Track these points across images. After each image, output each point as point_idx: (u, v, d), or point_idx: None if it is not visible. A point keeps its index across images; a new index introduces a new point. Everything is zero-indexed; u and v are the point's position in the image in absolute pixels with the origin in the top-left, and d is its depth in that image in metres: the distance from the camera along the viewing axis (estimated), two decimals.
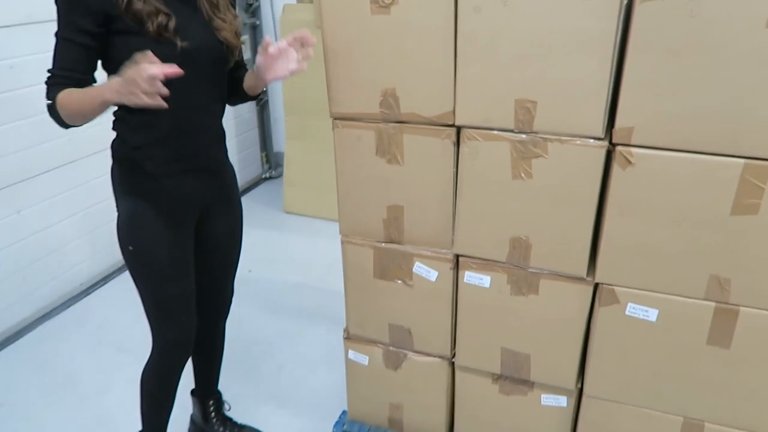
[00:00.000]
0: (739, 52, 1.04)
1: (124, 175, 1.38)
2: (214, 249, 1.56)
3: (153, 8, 1.22)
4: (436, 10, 1.24)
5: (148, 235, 1.38)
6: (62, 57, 1.25)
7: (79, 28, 1.21)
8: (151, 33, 1.22)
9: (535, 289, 1.41)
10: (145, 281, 1.44)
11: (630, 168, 1.20)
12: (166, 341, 1.52)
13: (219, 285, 1.64)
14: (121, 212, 1.39)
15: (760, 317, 1.23)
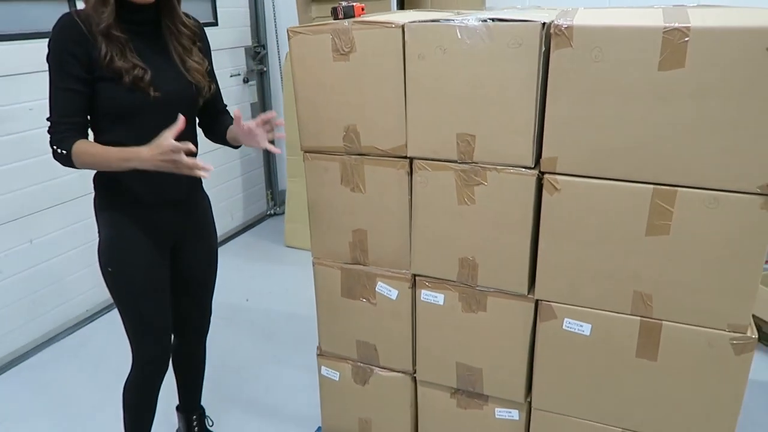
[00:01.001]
0: (637, 91, 1.20)
1: (104, 204, 1.53)
2: (191, 274, 1.70)
3: (131, 64, 1.37)
4: (388, 57, 1.43)
5: (126, 258, 1.53)
6: (62, 105, 1.38)
7: (74, 76, 1.35)
8: (127, 84, 1.38)
9: (483, 306, 1.54)
10: (124, 301, 1.57)
11: (557, 194, 1.35)
12: (143, 357, 1.64)
13: (197, 307, 1.78)
14: (102, 238, 1.54)
15: (681, 330, 1.35)
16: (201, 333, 1.85)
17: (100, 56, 1.35)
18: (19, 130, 2.47)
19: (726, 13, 1.29)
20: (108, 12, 1.34)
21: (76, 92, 1.38)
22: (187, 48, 1.52)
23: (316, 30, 1.49)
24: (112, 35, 1.36)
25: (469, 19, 1.32)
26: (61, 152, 1.38)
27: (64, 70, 1.36)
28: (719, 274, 1.27)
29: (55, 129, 1.39)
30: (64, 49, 1.35)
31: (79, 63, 1.36)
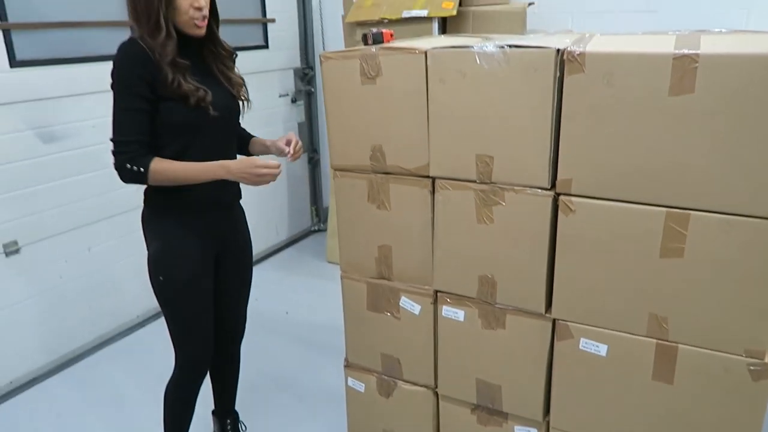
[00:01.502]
0: (648, 116, 1.23)
1: (156, 217, 1.67)
2: (228, 279, 1.82)
3: (194, 87, 1.53)
4: (412, 80, 1.50)
5: (176, 268, 1.65)
6: (129, 126, 1.49)
7: (141, 97, 1.48)
8: (192, 105, 1.53)
9: (502, 324, 1.57)
10: (172, 307, 1.70)
11: (572, 215, 1.38)
12: (186, 360, 1.76)
13: (233, 313, 1.89)
14: (152, 250, 1.66)
15: (697, 354, 1.34)
16: (236, 338, 1.96)
17: (168, 81, 1.48)
18: (81, 146, 2.68)
19: (739, 39, 1.30)
20: (172, 45, 1.49)
21: (143, 112, 1.50)
22: (228, 66, 1.68)
23: (346, 55, 1.58)
24: (178, 63, 1.50)
25: (488, 46, 1.38)
26: (137, 170, 1.49)
27: (133, 91, 1.47)
28: (734, 298, 1.27)
29: (125, 148, 1.50)
30: (133, 71, 1.47)
31: (145, 84, 1.48)
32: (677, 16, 3.07)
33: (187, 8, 1.49)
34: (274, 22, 3.83)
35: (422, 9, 3.11)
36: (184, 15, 1.50)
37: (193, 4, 1.49)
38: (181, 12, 1.49)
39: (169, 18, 1.48)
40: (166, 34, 1.48)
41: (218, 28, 1.65)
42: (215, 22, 1.63)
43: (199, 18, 1.52)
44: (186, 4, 1.49)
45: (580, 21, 3.33)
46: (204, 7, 1.51)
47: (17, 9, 2.37)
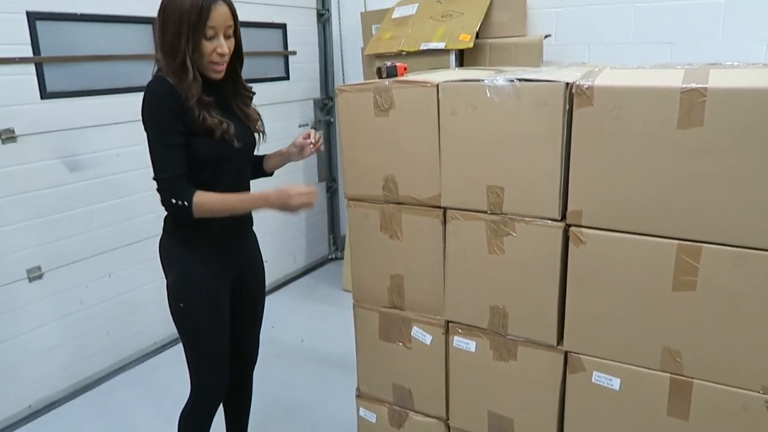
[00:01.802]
0: (657, 148, 1.23)
1: (176, 246, 1.70)
2: (242, 305, 1.84)
3: (218, 121, 1.58)
4: (424, 113, 1.53)
5: (196, 296, 1.68)
6: (170, 161, 1.53)
7: (177, 132, 1.52)
8: (218, 138, 1.58)
9: (513, 355, 1.56)
10: (190, 334, 1.72)
11: (582, 246, 1.38)
12: (203, 388, 1.78)
13: (247, 339, 1.91)
14: (172, 278, 1.69)
15: (712, 390, 1.31)
16: (250, 365, 1.97)
17: (195, 117, 1.53)
18: (106, 174, 2.76)
19: (750, 72, 1.31)
20: (198, 87, 1.54)
21: (180, 147, 1.54)
22: (246, 103, 1.73)
23: (360, 88, 1.62)
24: (203, 100, 1.55)
25: (498, 79, 1.40)
26: (182, 204, 1.52)
27: (169, 127, 1.51)
28: (750, 333, 1.25)
29: (172, 184, 1.53)
30: (167, 107, 1.51)
31: (180, 119, 1.52)
32: (694, 48, 3.08)
33: (210, 52, 1.54)
34: (295, 54, 3.92)
35: (440, 41, 3.16)
36: (206, 58, 1.55)
37: (217, 49, 1.54)
38: (204, 55, 1.54)
39: (194, 60, 1.53)
40: (193, 77, 1.52)
41: (241, 68, 1.70)
42: (239, 63, 1.69)
43: (220, 63, 1.57)
44: (210, 48, 1.53)
45: (596, 52, 3.36)
46: (226, 53, 1.56)
47: (49, 43, 2.48)
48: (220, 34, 1.54)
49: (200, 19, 1.49)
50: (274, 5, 3.69)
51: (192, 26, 1.49)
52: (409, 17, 3.40)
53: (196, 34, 1.50)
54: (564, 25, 3.40)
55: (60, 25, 2.52)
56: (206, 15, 1.49)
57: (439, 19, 3.29)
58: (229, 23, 1.55)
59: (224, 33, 1.55)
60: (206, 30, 1.51)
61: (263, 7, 3.61)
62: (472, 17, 3.17)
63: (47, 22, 2.46)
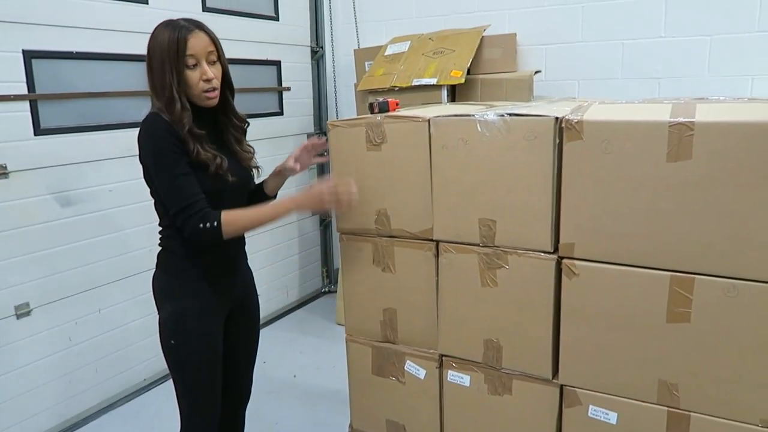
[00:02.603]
0: (647, 181, 1.25)
1: (169, 281, 1.68)
2: (236, 342, 1.81)
3: (212, 155, 1.58)
4: (415, 147, 1.54)
5: (189, 332, 1.65)
6: (187, 189, 1.52)
7: (185, 162, 1.52)
8: (212, 173, 1.58)
9: (509, 389, 1.54)
10: (181, 372, 1.69)
11: (576, 278, 1.38)
12: (193, 425, 1.73)
13: (240, 376, 1.87)
14: (164, 313, 1.67)
15: (710, 423, 1.30)
16: (243, 401, 1.93)
17: (190, 150, 1.53)
18: (97, 210, 2.74)
19: (736, 107, 1.33)
20: (188, 117, 1.54)
21: (191, 175, 1.54)
22: (238, 139, 1.72)
23: (352, 123, 1.63)
24: (195, 133, 1.55)
25: (489, 114, 1.42)
26: (211, 226, 1.51)
27: (175, 158, 1.52)
28: (746, 365, 1.24)
29: (194, 210, 1.51)
30: (170, 141, 1.51)
31: (182, 151, 1.53)
32: (681, 84, 3.15)
33: (196, 81, 1.55)
34: (289, 90, 3.97)
35: (432, 77, 3.21)
36: (195, 88, 1.55)
37: (202, 77, 1.55)
38: (191, 85, 1.55)
39: (181, 91, 1.54)
40: (181, 107, 1.54)
41: (233, 97, 1.71)
42: (230, 92, 1.69)
43: (210, 89, 1.58)
44: (195, 77, 1.54)
45: (586, 88, 3.42)
46: (213, 78, 1.58)
47: (44, 80, 2.50)
48: (202, 61, 1.55)
49: (178, 50, 1.51)
50: (269, 43, 3.75)
51: (172, 59, 1.51)
52: (402, 54, 3.46)
53: (179, 65, 1.52)
54: (554, 61, 3.47)
55: (55, 63, 2.54)
56: (183, 45, 1.51)
57: (431, 56, 3.35)
58: (209, 49, 1.56)
59: (207, 59, 1.56)
60: (186, 59, 1.52)
61: (259, 45, 3.66)
62: (464, 54, 3.23)
63: (43, 60, 2.49)
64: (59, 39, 2.54)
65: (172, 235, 1.67)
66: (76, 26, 2.60)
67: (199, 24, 1.58)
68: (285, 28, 3.89)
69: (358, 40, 4.03)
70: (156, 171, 1.54)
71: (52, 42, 2.52)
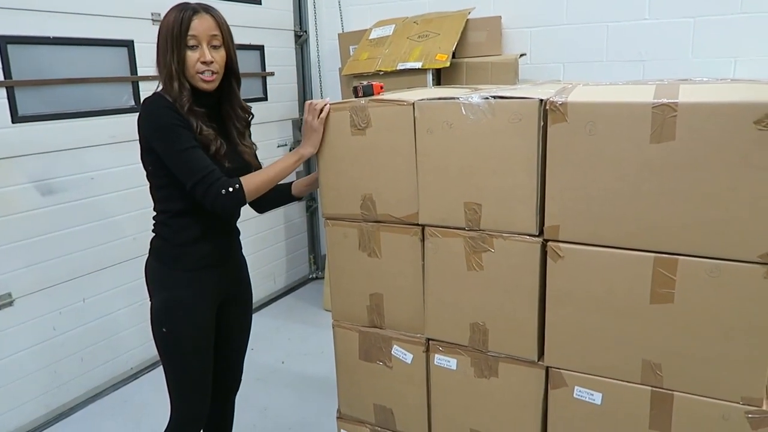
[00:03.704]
0: (631, 163, 1.25)
1: (162, 269, 1.67)
2: (228, 332, 1.81)
3: (213, 135, 1.57)
4: (400, 131, 1.53)
5: (180, 320, 1.65)
6: (200, 160, 1.52)
7: (190, 137, 1.53)
8: (212, 153, 1.56)
9: (495, 372, 1.55)
10: (172, 360, 1.69)
11: (561, 261, 1.38)
12: (185, 415, 1.73)
13: (231, 365, 1.87)
14: (156, 301, 1.67)
15: (693, 402, 1.32)
16: (233, 389, 1.94)
17: (193, 128, 1.53)
18: (79, 198, 2.71)
19: (719, 87, 1.33)
20: (186, 96, 1.54)
21: (199, 148, 1.54)
22: (241, 132, 1.72)
23: (336, 107, 1.62)
24: (195, 110, 1.55)
25: (473, 97, 1.41)
26: (234, 189, 1.52)
27: (184, 132, 1.52)
28: (727, 344, 1.26)
29: (213, 178, 1.51)
30: (174, 117, 1.51)
31: (188, 127, 1.53)
32: (666, 66, 3.16)
33: (194, 62, 1.54)
34: (273, 75, 3.93)
35: (417, 61, 3.19)
36: (191, 69, 1.55)
37: (200, 59, 1.54)
38: (188, 66, 1.55)
39: (180, 71, 1.54)
40: (179, 85, 1.54)
41: (239, 87, 1.70)
42: (236, 81, 1.68)
43: (207, 73, 1.56)
44: (193, 58, 1.54)
45: (571, 71, 3.42)
46: (211, 62, 1.55)
47: (21, 67, 2.44)
48: (203, 43, 1.54)
49: (181, 29, 1.52)
50: (251, 27, 3.70)
51: (175, 38, 1.52)
52: (387, 38, 3.43)
53: (180, 45, 1.52)
54: (539, 44, 3.46)
55: (32, 48, 2.49)
56: (186, 25, 1.52)
57: (416, 39, 3.32)
58: (212, 32, 1.56)
59: (209, 43, 1.55)
60: (187, 39, 1.52)
61: (241, 29, 3.60)
62: (449, 37, 3.21)
63: (19, 46, 2.43)
64: (36, 24, 2.48)
65: (166, 221, 1.65)
66: (53, 10, 2.54)
67: (207, 7, 1.58)
68: (268, 12, 3.84)
69: (342, 24, 3.99)
70: (164, 148, 1.52)
71: (28, 27, 2.46)
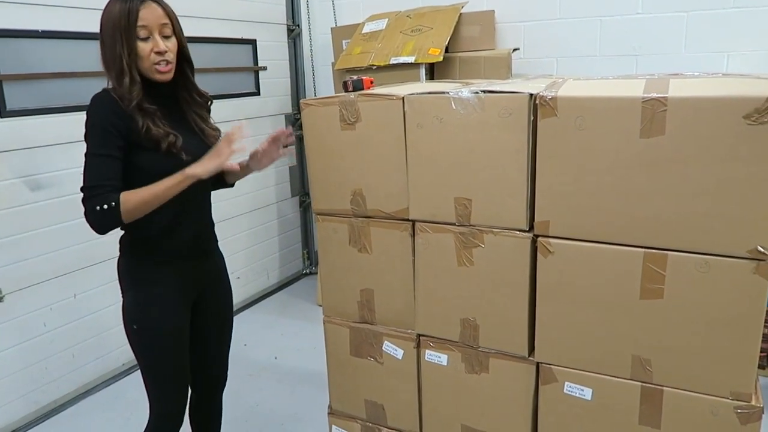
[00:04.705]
0: (621, 157, 1.24)
1: (131, 265, 1.63)
2: (207, 327, 1.77)
3: (165, 132, 1.51)
4: (390, 126, 1.52)
5: (151, 316, 1.61)
6: (99, 170, 1.45)
7: (114, 145, 1.46)
8: (164, 150, 1.51)
9: (485, 368, 1.55)
10: (146, 357, 1.65)
11: (551, 256, 1.38)
12: (162, 412, 1.70)
13: (214, 360, 1.84)
14: (128, 297, 1.63)
15: (682, 397, 1.32)
16: (219, 386, 1.91)
17: (139, 128, 1.47)
18: (68, 193, 2.67)
19: (709, 82, 1.33)
20: (137, 90, 1.49)
21: (115, 159, 1.48)
22: (203, 117, 1.67)
23: (326, 102, 1.60)
24: (145, 108, 1.49)
25: (463, 91, 1.40)
26: (108, 207, 1.43)
27: (106, 138, 1.46)
28: (717, 339, 1.26)
29: (95, 192, 1.45)
30: (106, 119, 1.46)
31: (119, 133, 1.47)
32: (658, 60, 3.15)
33: (148, 53, 1.49)
34: (265, 69, 3.90)
35: (410, 56, 3.18)
36: (145, 60, 1.50)
37: (154, 49, 1.49)
38: (142, 57, 1.50)
39: (132, 64, 1.49)
40: (130, 79, 1.48)
41: (193, 74, 1.65)
42: (189, 68, 1.63)
43: (162, 63, 1.51)
44: (147, 49, 1.49)
45: (564, 65, 3.41)
46: (165, 51, 1.51)
47: (9, 60, 2.41)
48: (155, 33, 1.50)
49: (129, 20, 1.46)
50: (243, 21, 3.67)
51: (124, 30, 1.46)
52: (379, 32, 3.42)
53: (130, 36, 1.47)
54: (532, 39, 3.44)
55: (20, 42, 2.46)
56: (135, 16, 1.47)
57: (409, 33, 3.30)
58: (162, 21, 1.51)
59: (160, 32, 1.51)
60: (138, 30, 1.47)
61: (232, 23, 3.58)
62: (442, 31, 3.19)
63: (7, 40, 2.40)
64: (24, 17, 2.45)
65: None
66: (42, 3, 2.51)
67: None
68: (260, 5, 3.81)
69: (335, 18, 3.96)
70: (87, 145, 1.48)
71: (16, 20, 2.43)
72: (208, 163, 1.49)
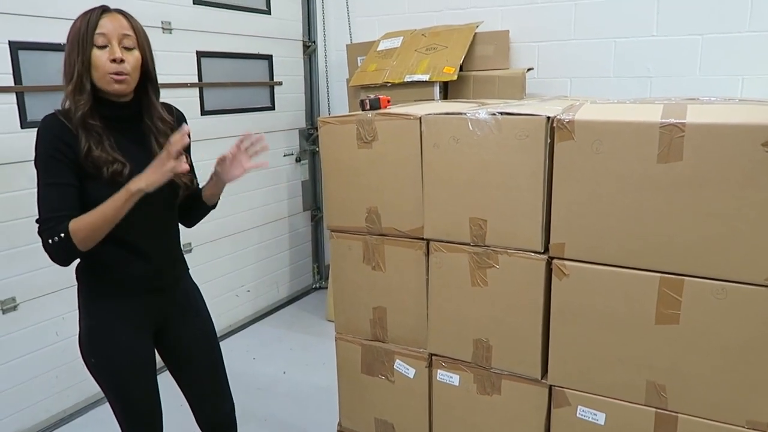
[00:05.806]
0: (637, 182, 1.24)
1: (88, 296, 1.52)
2: (185, 358, 1.66)
3: (110, 157, 1.38)
4: (406, 145, 1.53)
5: (107, 349, 1.51)
6: (52, 200, 1.36)
7: (64, 170, 1.36)
8: (106, 179, 1.37)
9: (497, 389, 1.54)
10: (109, 389, 1.57)
11: (566, 279, 1.38)
12: None
13: (209, 394, 1.72)
14: (82, 328, 1.53)
15: (697, 425, 1.30)
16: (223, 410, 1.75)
17: (80, 148, 1.36)
18: None
19: (727, 108, 1.33)
20: (84, 100, 1.38)
21: (67, 186, 1.37)
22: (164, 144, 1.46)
23: (343, 120, 1.62)
24: (89, 124, 1.39)
25: (480, 113, 1.41)
26: (58, 239, 1.34)
27: (54, 165, 1.37)
28: (733, 367, 1.25)
29: (46, 225, 1.36)
30: (51, 144, 1.37)
31: (66, 157, 1.37)
32: (672, 83, 3.15)
33: (103, 62, 1.39)
34: (281, 84, 3.94)
35: (424, 74, 3.20)
36: (100, 69, 1.39)
37: (110, 57, 1.39)
38: (96, 66, 1.39)
39: (84, 72, 1.39)
40: (80, 88, 1.38)
41: (158, 96, 1.53)
42: (153, 89, 1.51)
43: (116, 72, 1.40)
44: (102, 58, 1.39)
45: (578, 86, 3.42)
46: (121, 60, 1.40)
47: (31, 72, 2.46)
48: (114, 42, 1.40)
49: (88, 28, 1.39)
50: (260, 37, 3.72)
51: (82, 38, 1.38)
52: (394, 50, 3.45)
53: (86, 44, 1.38)
54: (546, 59, 3.46)
55: (42, 54, 2.51)
56: (94, 23, 1.39)
57: (424, 51, 3.33)
58: (124, 32, 1.41)
59: (120, 42, 1.41)
60: (95, 38, 1.38)
61: (250, 38, 3.63)
62: (456, 50, 3.22)
63: (29, 52, 2.45)
64: (46, 30, 2.50)
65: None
66: (64, 17, 2.56)
67: (120, 9, 1.45)
68: (277, 22, 3.86)
69: (351, 35, 4.01)
70: (37, 173, 1.39)
71: (39, 33, 2.48)
72: (151, 174, 1.34)
